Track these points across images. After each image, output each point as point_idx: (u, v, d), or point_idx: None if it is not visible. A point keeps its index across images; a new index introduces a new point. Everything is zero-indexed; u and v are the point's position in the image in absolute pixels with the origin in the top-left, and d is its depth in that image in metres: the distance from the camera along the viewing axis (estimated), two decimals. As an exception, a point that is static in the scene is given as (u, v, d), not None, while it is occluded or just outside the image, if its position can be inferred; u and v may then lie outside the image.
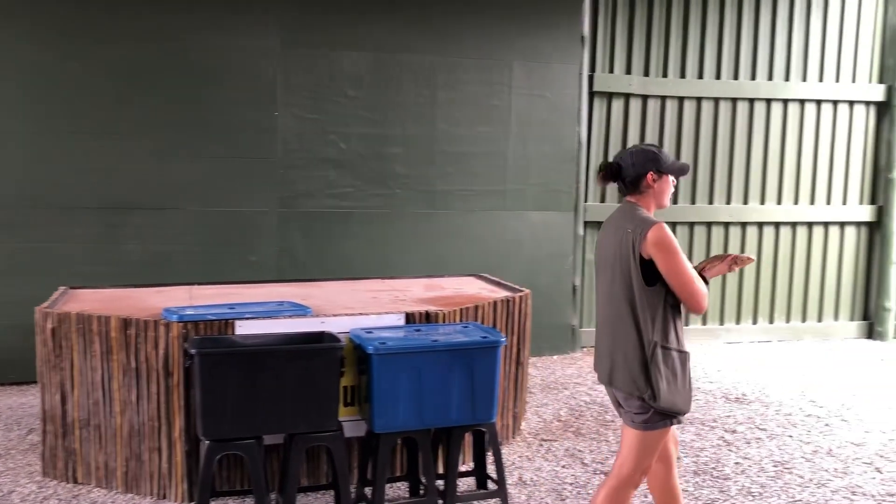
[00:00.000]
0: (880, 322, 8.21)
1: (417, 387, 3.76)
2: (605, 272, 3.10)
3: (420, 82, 6.89)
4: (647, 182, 3.07)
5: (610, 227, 3.13)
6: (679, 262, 2.93)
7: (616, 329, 3.03)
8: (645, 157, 3.08)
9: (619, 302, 3.01)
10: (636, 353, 2.96)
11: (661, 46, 7.72)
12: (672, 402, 2.96)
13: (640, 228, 2.96)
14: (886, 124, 8.18)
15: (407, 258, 6.84)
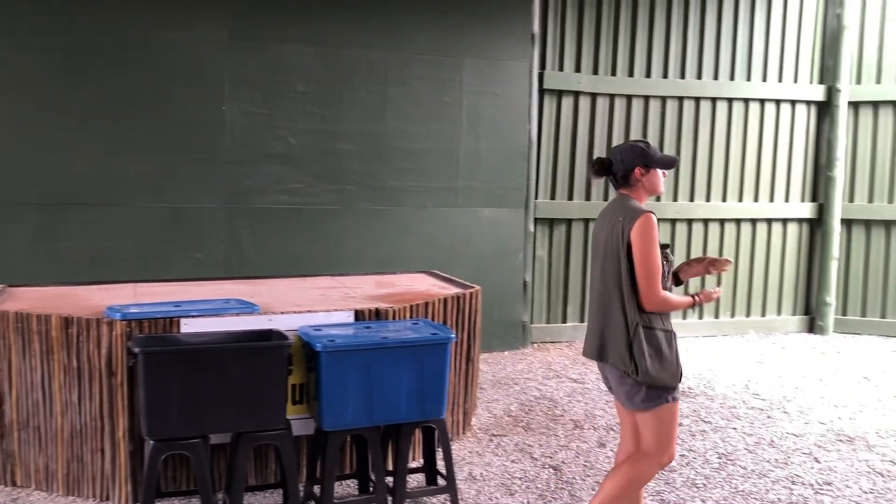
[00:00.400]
0: (821, 316, 8.44)
1: (367, 384, 3.75)
2: (598, 257, 3.36)
3: (371, 78, 6.86)
4: (636, 176, 3.33)
5: (604, 217, 3.38)
6: (651, 252, 3.18)
7: (607, 310, 3.28)
8: (632, 153, 3.33)
9: (610, 285, 3.27)
10: (622, 332, 3.21)
11: (610, 45, 7.82)
12: (656, 378, 3.16)
13: (631, 217, 3.22)
14: (826, 124, 8.41)
15: (357, 255, 6.81)
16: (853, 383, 6.53)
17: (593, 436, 5.14)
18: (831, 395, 6.16)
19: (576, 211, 7.82)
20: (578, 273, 7.92)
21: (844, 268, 8.46)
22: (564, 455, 4.80)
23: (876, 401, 6.04)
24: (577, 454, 4.82)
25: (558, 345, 7.73)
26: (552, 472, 4.54)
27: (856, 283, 8.44)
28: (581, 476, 4.48)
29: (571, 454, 4.82)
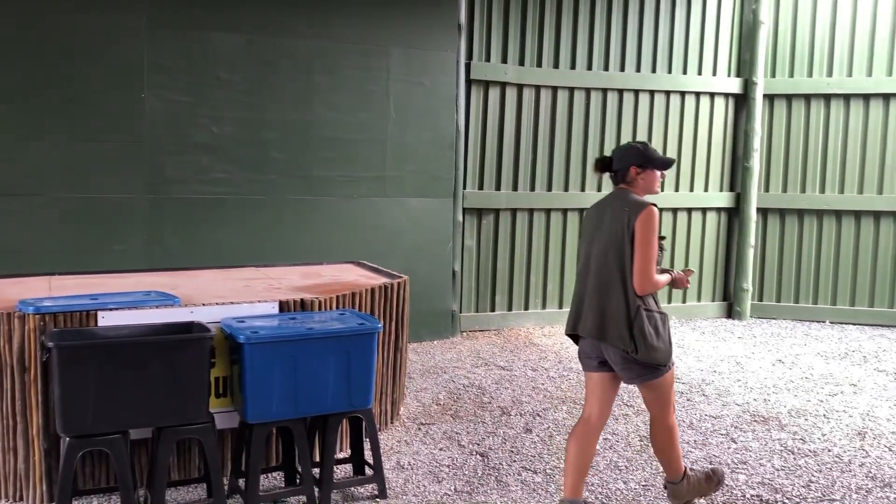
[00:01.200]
0: (739, 302, 8.75)
1: (292, 375, 3.72)
2: (596, 243, 3.62)
3: (297, 66, 6.77)
4: (632, 174, 3.64)
5: (605, 207, 3.66)
6: (650, 241, 3.49)
7: (607, 293, 3.55)
8: (630, 153, 3.66)
9: (612, 270, 3.54)
10: (623, 313, 3.49)
11: (536, 36, 7.91)
12: (652, 357, 3.49)
13: (636, 209, 3.52)
14: (744, 116, 8.69)
15: (284, 246, 6.73)
16: (768, 366, 6.79)
17: (520, 422, 5.22)
18: (747, 378, 6.39)
19: (503, 201, 7.90)
20: (506, 262, 8.01)
21: (760, 255, 8.78)
22: (492, 441, 4.86)
23: (788, 382, 6.30)
24: (504, 440, 4.88)
25: (487, 333, 7.81)
26: (479, 458, 4.60)
27: (771, 269, 8.77)
28: (507, 461, 4.55)
29: (498, 440, 4.88)
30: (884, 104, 8.34)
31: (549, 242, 8.19)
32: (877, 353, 7.28)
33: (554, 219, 8.17)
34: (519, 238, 8.05)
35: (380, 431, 4.90)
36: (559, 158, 8.13)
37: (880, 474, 4.46)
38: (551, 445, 4.82)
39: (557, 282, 8.25)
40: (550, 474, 4.39)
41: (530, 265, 8.13)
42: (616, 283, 3.52)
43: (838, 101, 8.47)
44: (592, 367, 3.69)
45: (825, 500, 4.12)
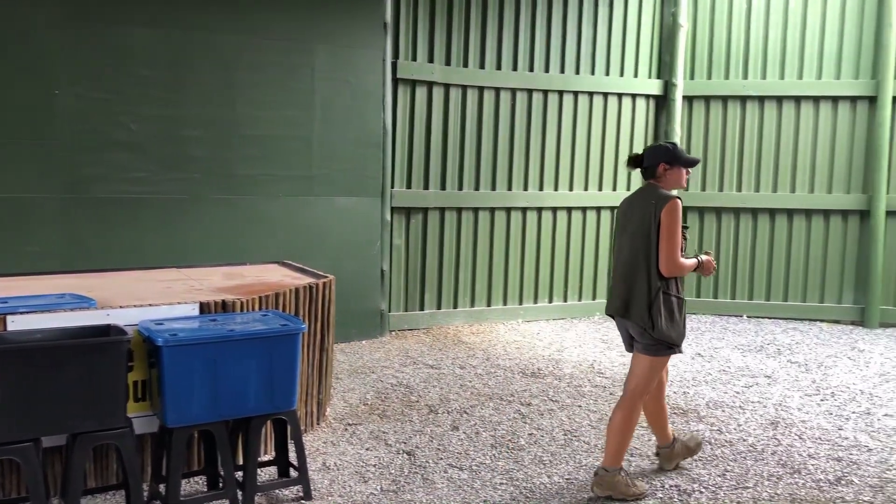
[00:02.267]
0: (660, 298, 8.98)
1: (212, 378, 3.66)
2: (627, 232, 4.02)
3: (219, 63, 6.64)
4: (660, 171, 4.05)
5: (635, 200, 4.07)
6: (676, 227, 3.89)
7: (633, 276, 3.96)
8: (659, 151, 4.08)
9: (638, 256, 3.95)
10: (645, 294, 3.91)
11: (462, 36, 7.96)
12: (667, 335, 3.92)
13: (663, 200, 3.91)
14: (664, 117, 8.93)
15: (206, 246, 6.60)
16: (688, 360, 6.99)
17: (447, 419, 5.25)
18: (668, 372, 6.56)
19: (432, 200, 7.93)
20: (435, 261, 8.04)
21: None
22: (419, 440, 4.87)
23: (707, 375, 6.50)
24: (431, 438, 4.91)
25: (416, 332, 7.82)
26: (406, 457, 4.61)
27: (691, 266, 9.02)
28: (434, 459, 4.57)
29: (426, 439, 4.90)
30: (795, 106, 8.69)
31: (478, 241, 8.25)
32: (790, 345, 7.58)
33: (482, 217, 8.24)
34: (448, 237, 8.09)
35: (305, 433, 4.87)
36: (486, 158, 8.20)
37: (790, 461, 4.65)
38: (478, 442, 4.86)
39: (486, 280, 8.32)
40: (476, 471, 4.43)
41: (459, 264, 8.18)
42: (642, 267, 3.93)
43: (753, 102, 8.78)
44: (629, 345, 4.20)
45: (739, 488, 4.27)
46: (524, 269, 8.49)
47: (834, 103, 8.59)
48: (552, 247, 8.61)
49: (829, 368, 6.76)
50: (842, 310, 8.66)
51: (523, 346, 7.38)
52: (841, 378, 6.46)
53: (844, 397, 5.94)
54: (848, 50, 8.52)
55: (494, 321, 8.33)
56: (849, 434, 5.13)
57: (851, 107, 8.56)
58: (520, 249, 8.46)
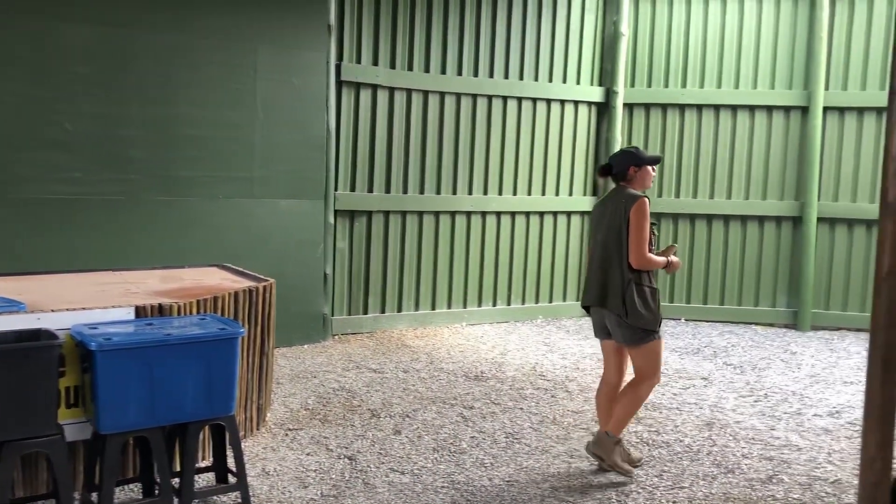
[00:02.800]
0: (601, 301, 9.11)
1: (148, 383, 3.58)
2: (601, 230, 4.41)
3: (159, 61, 6.52)
4: (630, 173, 4.44)
5: (608, 201, 4.45)
6: (644, 224, 4.26)
7: (608, 269, 4.35)
8: (626, 157, 4.47)
9: (611, 251, 4.34)
10: (619, 286, 4.29)
11: (407, 40, 7.96)
12: (639, 322, 4.27)
13: (632, 200, 4.30)
14: (605, 124, 9.08)
15: (143, 249, 6.46)
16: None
17: (389, 423, 5.24)
18: (608, 374, 6.67)
19: (376, 203, 7.91)
20: (379, 265, 8.02)
21: (622, 256, 9.19)
22: (360, 444, 4.85)
23: (645, 377, 6.62)
24: (373, 443, 4.89)
25: (359, 336, 7.78)
26: (347, 461, 4.58)
27: (631, 270, 9.19)
28: (376, 464, 4.55)
29: (367, 443, 4.88)
30: (732, 115, 8.93)
31: (423, 245, 8.26)
32: (726, 348, 7.78)
33: (427, 221, 8.25)
34: (392, 240, 8.08)
35: (245, 438, 4.80)
36: (431, 162, 8.22)
37: (725, 461, 4.77)
38: (420, 446, 4.86)
39: (430, 284, 8.33)
40: (418, 474, 4.43)
41: (403, 267, 8.17)
42: (615, 261, 4.32)
43: (692, 110, 8.99)
44: (603, 336, 4.50)
45: (675, 488, 4.36)
46: (468, 272, 8.53)
47: (768, 112, 8.86)
48: (496, 251, 8.67)
49: (762, 370, 6.95)
50: (775, 313, 8.92)
51: (467, 349, 7.41)
52: (774, 380, 6.65)
53: (777, 398, 6.12)
54: (781, 61, 8.80)
55: (439, 325, 8.34)
56: (780, 434, 5.29)
57: (785, 116, 8.83)
58: (464, 253, 8.50)
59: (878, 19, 8.47)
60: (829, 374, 6.86)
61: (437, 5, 8.08)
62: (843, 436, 5.28)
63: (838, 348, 7.88)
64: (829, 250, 8.79)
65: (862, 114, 8.63)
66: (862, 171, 8.65)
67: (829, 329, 8.74)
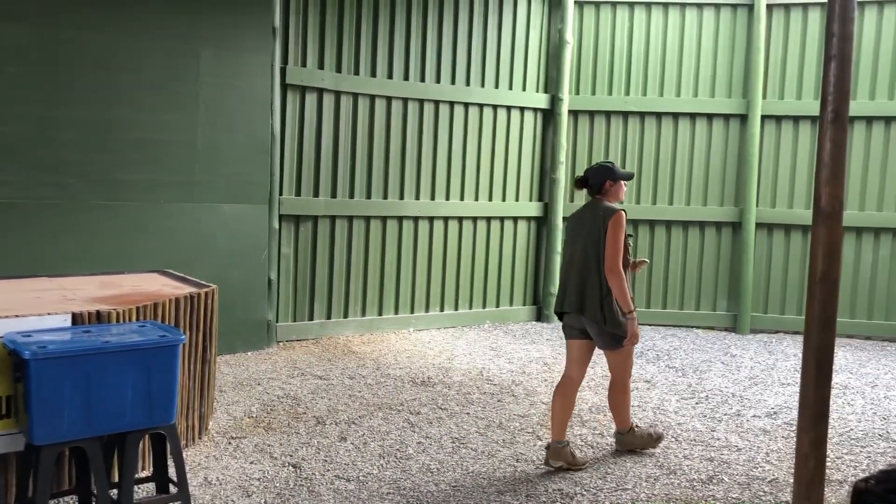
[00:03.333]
0: (547, 306, 9.21)
1: (85, 392, 3.48)
2: (580, 239, 4.67)
3: (98, 63, 6.36)
4: (606, 187, 4.75)
5: (585, 213, 4.73)
6: (618, 236, 4.57)
7: (587, 278, 4.61)
8: (602, 171, 4.78)
9: (590, 260, 4.61)
10: (597, 294, 4.57)
11: (353, 44, 7.93)
12: (616, 329, 4.58)
13: (610, 213, 4.60)
14: (551, 130, 9.18)
15: (82, 254, 6.29)
16: (572, 366, 7.18)
17: (335, 431, 5.20)
18: (554, 378, 6.73)
19: (321, 208, 7.84)
20: (325, 270, 7.95)
21: (567, 261, 9.30)
22: (305, 452, 4.80)
23: (590, 380, 6.70)
24: (318, 450, 4.84)
25: (305, 342, 7.71)
26: (292, 469, 4.52)
27: (577, 275, 9.30)
28: (321, 471, 4.51)
29: (312, 450, 4.83)
30: (673, 122, 9.11)
31: (369, 250, 8.22)
32: (668, 351, 7.92)
33: (374, 226, 8.22)
34: (338, 245, 8.02)
35: (187, 447, 4.70)
36: (378, 167, 8.19)
37: (667, 463, 4.85)
38: (365, 452, 4.83)
39: (377, 289, 8.30)
40: (363, 481, 4.40)
41: (350, 273, 8.12)
42: (594, 270, 4.58)
43: (635, 118, 9.15)
44: (574, 335, 4.73)
45: (619, 490, 4.42)
46: (416, 278, 8.52)
47: (709, 120, 9.07)
48: (444, 256, 8.68)
49: (703, 373, 7.09)
50: (716, 317, 9.12)
51: (414, 354, 7.40)
52: (714, 382, 6.80)
53: (717, 400, 6.25)
54: (721, 70, 9.02)
55: (386, 330, 8.31)
56: (721, 435, 5.40)
57: (725, 124, 9.05)
58: (411, 258, 8.49)
59: (811, 31, 8.75)
60: (767, 376, 7.04)
61: (383, 10, 8.07)
62: (781, 436, 5.42)
63: (776, 350, 8.10)
64: (767, 255, 9.03)
65: (798, 122, 8.90)
66: (798, 178, 8.92)
67: (767, 332, 8.97)
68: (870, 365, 7.57)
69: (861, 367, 7.45)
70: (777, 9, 8.88)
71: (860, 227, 8.75)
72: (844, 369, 7.34)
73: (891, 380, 7.05)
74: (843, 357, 7.79)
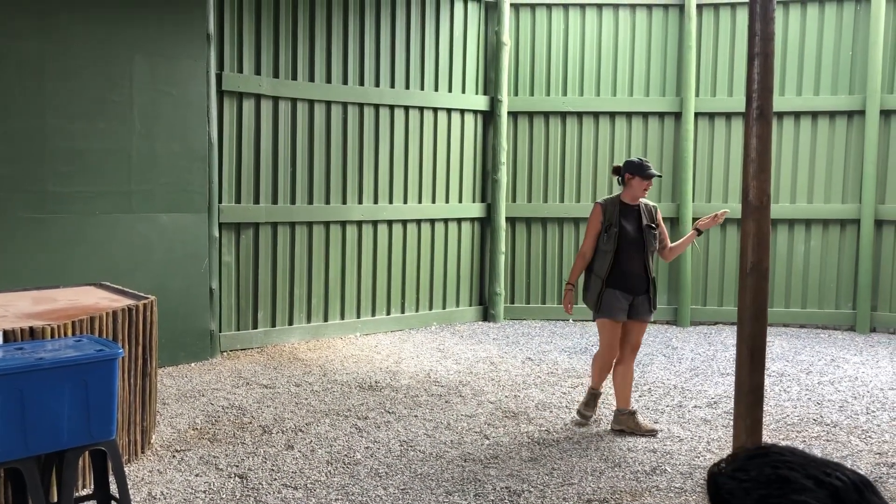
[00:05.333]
0: (493, 305, 9.28)
1: (19, 411, 3.38)
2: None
3: (23, 71, 6.19)
4: (626, 178, 5.32)
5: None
6: (590, 224, 5.39)
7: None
8: (628, 164, 5.33)
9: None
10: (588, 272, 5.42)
11: (289, 49, 7.86)
12: (587, 302, 5.39)
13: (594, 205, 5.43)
14: (491, 132, 9.26)
15: (13, 270, 6.11)
16: (519, 364, 7.26)
17: (281, 439, 5.15)
18: (500, 377, 6.79)
19: (263, 215, 7.76)
20: (268, 278, 7.87)
21: (511, 261, 9.39)
22: (251, 462, 4.75)
23: (536, 378, 6.78)
24: (265, 459, 4.79)
25: (249, 351, 7.62)
26: (238, 480, 4.47)
27: (520, 274, 9.40)
28: (268, 480, 4.47)
29: (259, 460, 4.78)
30: (610, 121, 9.28)
31: (313, 255, 8.16)
32: (612, 346, 8.05)
33: (317, 231, 8.17)
34: (281, 252, 7.95)
35: (129, 462, 4.61)
36: (319, 171, 8.14)
37: (612, 456, 4.94)
38: (313, 460, 4.80)
39: (322, 295, 8.25)
40: (311, 488, 4.37)
41: (294, 279, 8.06)
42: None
43: (573, 118, 9.29)
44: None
45: (565, 485, 4.48)
46: (361, 282, 8.50)
47: (644, 119, 9.25)
48: (388, 259, 8.67)
49: (646, 366, 7.23)
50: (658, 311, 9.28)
51: (361, 359, 7.38)
52: (657, 374, 6.94)
53: (660, 392, 6.38)
54: (655, 69, 9.22)
55: (332, 336, 8.27)
56: (663, 426, 5.52)
57: (660, 122, 9.25)
58: (356, 263, 8.46)
59: (741, 29, 9.00)
60: (707, 367, 7.22)
61: (319, 14, 8.03)
62: (721, 424, 5.57)
63: (716, 342, 8.31)
64: (704, 249, 9.25)
65: (730, 119, 9.15)
66: (732, 173, 9.16)
67: (707, 324, 9.20)
68: (805, 352, 7.83)
69: (797, 355, 7.70)
70: (707, 8, 9.11)
71: (792, 219, 9.04)
72: (781, 357, 7.57)
73: (825, 366, 7.30)
74: (778, 346, 8.04)
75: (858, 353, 7.82)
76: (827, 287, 9.07)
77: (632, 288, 5.30)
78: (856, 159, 8.93)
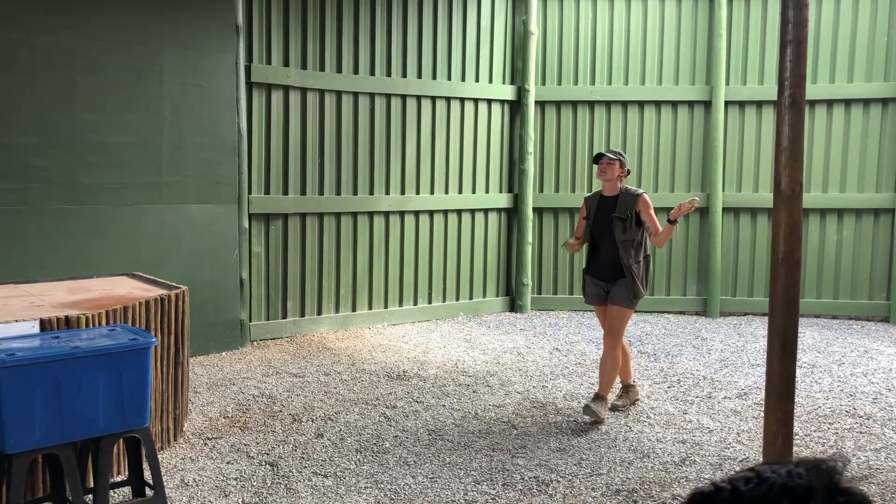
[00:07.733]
0: (520, 296, 9.27)
1: (56, 398, 3.46)
2: None
3: (56, 66, 6.28)
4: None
5: None
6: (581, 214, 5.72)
7: None
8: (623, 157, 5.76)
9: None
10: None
11: (317, 41, 7.89)
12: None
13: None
14: (518, 121, 9.22)
15: (47, 260, 6.22)
16: (546, 354, 7.25)
17: (311, 427, 5.20)
18: (528, 367, 6.79)
19: (291, 206, 7.82)
20: (297, 268, 7.93)
21: (538, 251, 9.36)
22: (282, 450, 4.80)
23: (564, 368, 6.77)
24: (295, 447, 4.85)
25: (279, 341, 7.69)
26: (269, 468, 4.53)
27: (548, 264, 9.38)
28: (298, 468, 4.52)
29: (289, 448, 4.83)
30: (639, 110, 9.20)
31: (341, 246, 8.21)
32: (640, 336, 8.01)
33: (345, 222, 8.21)
34: (309, 243, 8.00)
35: (162, 450, 4.69)
36: (347, 162, 8.18)
37: (640, 447, 4.92)
38: (342, 448, 4.84)
39: (350, 285, 8.29)
40: (341, 476, 4.41)
41: (322, 270, 8.11)
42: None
43: (601, 107, 9.22)
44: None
45: (594, 475, 4.48)
46: (388, 272, 8.53)
47: (674, 108, 9.16)
48: (416, 250, 8.69)
49: (675, 357, 7.19)
50: (686, 301, 9.24)
51: (389, 349, 7.41)
52: (686, 365, 6.90)
53: (689, 383, 6.34)
54: (684, 58, 9.12)
55: (360, 326, 8.31)
56: (693, 417, 5.49)
57: (689, 111, 9.15)
58: (384, 253, 8.49)
59: (772, 16, 8.87)
60: (737, 358, 7.16)
61: (346, 5, 8.05)
62: (751, 416, 5.52)
63: (746, 333, 8.23)
64: (734, 239, 9.16)
65: (761, 107, 9.03)
66: (762, 162, 9.05)
67: (737, 315, 9.11)
68: (837, 343, 7.73)
69: (828, 346, 7.61)
70: (737, -5, 8.99)
71: (824, 208, 8.91)
72: (812, 348, 7.48)
73: (857, 357, 7.20)
74: (810, 337, 7.94)
75: (893, 345, 7.71)
76: (860, 277, 8.94)
77: (603, 275, 5.52)
78: (891, 147, 8.78)
